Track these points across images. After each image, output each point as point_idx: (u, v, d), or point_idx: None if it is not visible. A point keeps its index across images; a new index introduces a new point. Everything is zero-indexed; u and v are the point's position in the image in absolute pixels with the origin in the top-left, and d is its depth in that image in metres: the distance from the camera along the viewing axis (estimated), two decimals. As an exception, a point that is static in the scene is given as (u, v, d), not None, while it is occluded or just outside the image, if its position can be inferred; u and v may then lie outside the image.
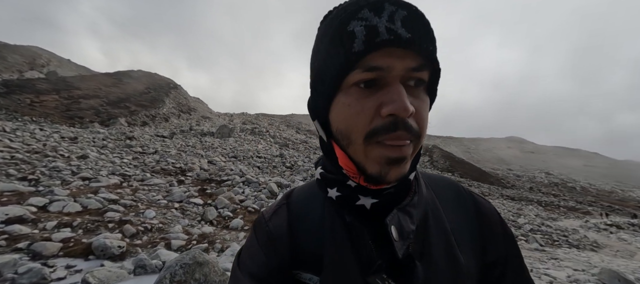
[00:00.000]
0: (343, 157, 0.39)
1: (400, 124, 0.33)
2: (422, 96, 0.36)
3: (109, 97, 37.00)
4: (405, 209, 0.40)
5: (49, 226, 3.14)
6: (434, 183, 0.49)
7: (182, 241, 3.21)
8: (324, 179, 0.44)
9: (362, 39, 0.32)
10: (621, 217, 27.82)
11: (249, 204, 5.64)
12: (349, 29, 0.33)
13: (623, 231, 16.83)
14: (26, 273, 2.06)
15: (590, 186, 73.98)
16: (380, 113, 0.33)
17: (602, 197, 54.02)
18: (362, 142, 0.35)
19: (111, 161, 8.74)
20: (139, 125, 28.79)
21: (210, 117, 44.80)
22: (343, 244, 0.40)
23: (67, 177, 5.59)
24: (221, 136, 28.89)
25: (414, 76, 0.34)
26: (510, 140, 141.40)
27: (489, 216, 0.46)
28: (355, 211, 0.40)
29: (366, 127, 0.34)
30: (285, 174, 13.68)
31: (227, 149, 19.57)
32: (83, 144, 11.68)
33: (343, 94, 0.35)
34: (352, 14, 0.33)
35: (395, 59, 0.32)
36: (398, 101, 0.32)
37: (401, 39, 0.32)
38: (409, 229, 0.39)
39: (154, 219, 3.90)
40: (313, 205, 0.45)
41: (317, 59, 0.39)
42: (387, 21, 0.32)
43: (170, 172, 8.78)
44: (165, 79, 53.43)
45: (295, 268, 0.41)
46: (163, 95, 42.16)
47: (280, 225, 0.44)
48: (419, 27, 0.33)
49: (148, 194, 5.37)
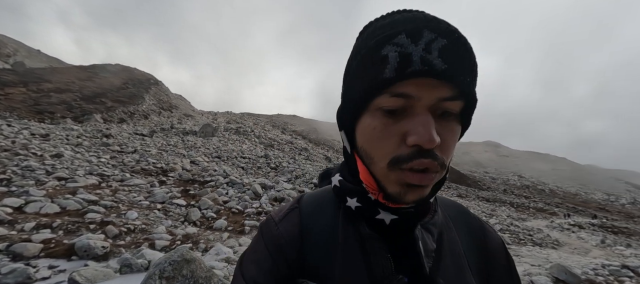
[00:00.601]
0: (365, 172, 0.39)
1: (425, 154, 0.32)
2: (452, 125, 0.35)
3: (83, 91, 35.11)
4: (427, 227, 0.41)
5: (27, 228, 3.11)
6: (444, 205, 0.49)
7: (166, 241, 3.29)
8: (343, 188, 0.43)
9: (395, 66, 0.31)
10: (583, 217, 30.14)
11: (233, 205, 5.72)
12: (383, 53, 0.32)
13: (583, 230, 18.26)
14: (10, 273, 2.10)
15: (558, 188, 79.12)
16: (406, 142, 0.32)
17: (567, 199, 58.09)
18: (385, 166, 0.35)
19: (87, 160, 8.44)
20: (116, 122, 27.56)
21: (193, 116, 43.62)
22: (355, 256, 0.39)
23: (42, 177, 5.40)
24: (204, 135, 28.28)
25: (445, 106, 0.33)
26: (486, 144, 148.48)
27: (495, 246, 0.47)
28: (373, 225, 0.40)
29: (391, 153, 0.34)
30: (270, 175, 13.71)
31: (211, 149, 19.25)
32: (56, 141, 11.13)
33: (369, 115, 0.35)
34: (389, 38, 0.32)
35: (425, 89, 0.31)
36: (424, 132, 0.31)
37: (434, 70, 0.30)
38: (431, 247, 0.40)
39: (137, 220, 3.92)
40: (325, 212, 0.45)
41: (349, 74, 0.38)
42: (423, 50, 0.31)
43: (151, 173, 8.62)
44: (145, 74, 51.38)
45: (303, 276, 0.40)
46: (142, 91, 40.57)
47: (291, 230, 0.43)
48: (458, 58, 0.32)
49: (129, 195, 5.31)
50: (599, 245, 12.36)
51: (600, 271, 5.81)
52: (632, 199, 72.27)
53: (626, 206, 60.70)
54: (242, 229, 4.54)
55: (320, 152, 42.98)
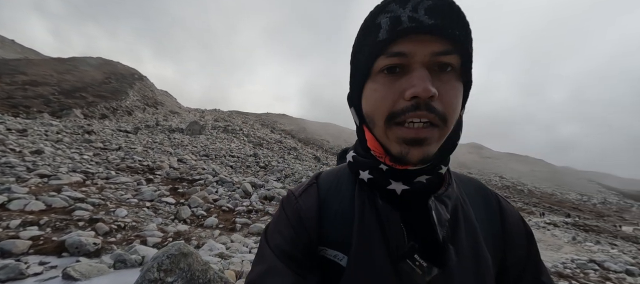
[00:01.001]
0: (371, 139, 0.42)
1: (422, 106, 0.34)
2: (452, 81, 0.36)
3: (61, 85, 33.58)
4: (441, 198, 0.41)
5: (12, 225, 3.05)
6: (460, 180, 0.50)
7: (158, 238, 3.31)
8: (356, 162, 0.46)
9: (387, 28, 0.35)
10: (557, 216, 31.89)
11: (223, 204, 5.74)
12: (377, 21, 0.36)
13: (558, 228, 19.32)
14: (2, 269, 2.09)
15: (536, 189, 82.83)
16: (404, 96, 0.34)
17: (544, 199, 61.00)
18: (383, 124, 0.37)
19: (70, 157, 8.18)
20: (98, 118, 26.54)
21: (179, 113, 42.55)
22: (371, 227, 0.41)
23: (23, 174, 5.22)
24: (191, 133, 27.72)
25: (440, 60, 0.35)
26: (471, 146, 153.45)
27: (511, 218, 0.47)
28: (387, 196, 0.42)
29: (388, 110, 0.36)
30: (259, 174, 13.68)
31: (198, 147, 18.94)
32: (34, 137, 10.67)
33: (371, 81, 0.38)
34: (381, 8, 0.36)
35: (418, 45, 0.34)
36: (418, 83, 0.33)
37: (423, 25, 0.33)
38: (446, 217, 0.40)
39: (127, 217, 3.90)
40: (343, 187, 0.47)
41: (353, 51, 0.42)
42: (410, 11, 0.34)
43: (138, 171, 8.45)
44: (128, 68, 49.61)
45: (322, 245, 0.43)
46: (126, 86, 39.19)
47: (310, 203, 0.45)
48: (446, 14, 0.34)
49: (116, 193, 5.23)
50: (570, 242, 13.15)
51: (568, 265, 6.27)
52: (603, 199, 76.89)
53: (597, 206, 64.51)
54: (234, 226, 4.60)
55: (310, 151, 43.04)
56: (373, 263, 0.39)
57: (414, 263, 0.38)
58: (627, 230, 25.87)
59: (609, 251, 10.56)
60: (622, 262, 8.22)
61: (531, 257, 0.46)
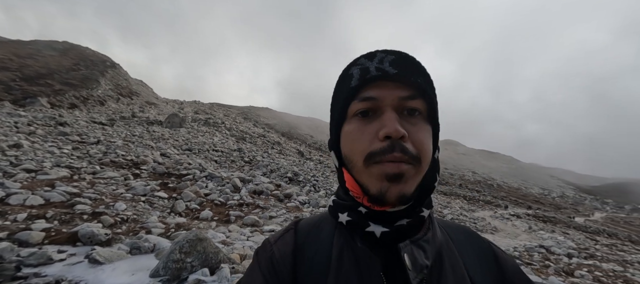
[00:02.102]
0: (350, 180, 0.43)
1: (396, 147, 0.36)
2: (420, 123, 0.40)
3: (23, 70, 31.05)
4: (419, 243, 0.41)
5: (19, 218, 3.22)
6: (448, 227, 0.50)
7: (161, 229, 3.61)
8: (336, 205, 0.46)
9: (357, 77, 0.40)
10: (521, 209, 34.93)
11: (215, 198, 6.04)
12: (350, 72, 0.42)
13: (520, 219, 21.28)
14: (31, 256, 2.35)
15: (504, 183, 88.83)
16: (378, 136, 0.37)
17: (511, 193, 65.79)
18: (363, 163, 0.38)
19: (49, 151, 7.98)
20: (66, 107, 24.98)
21: (157, 104, 40.81)
22: (349, 274, 0.40)
23: (7, 169, 5.19)
24: (171, 125, 26.95)
25: (407, 104, 0.39)
26: (446, 143, 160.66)
27: (511, 270, 0.46)
28: (366, 238, 0.42)
29: (366, 150, 0.38)
30: (244, 169, 13.86)
31: (180, 141, 18.59)
32: (4, 129, 10.13)
33: (347, 123, 0.42)
34: (353, 63, 0.43)
35: (385, 90, 0.39)
36: (390, 124, 0.36)
37: (387, 74, 0.39)
38: (423, 263, 0.39)
39: (127, 211, 4.13)
40: (323, 233, 0.46)
41: (332, 99, 0.46)
42: (377, 63, 0.40)
43: (122, 165, 8.42)
44: (99, 54, 46.51)
45: None
46: (97, 74, 36.89)
47: (284, 250, 0.45)
48: (406, 65, 0.40)
49: (108, 188, 5.36)
50: (526, 231, 14.77)
51: (519, 249, 7.28)
52: (562, 193, 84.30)
53: (556, 199, 70.77)
54: (228, 218, 4.95)
55: (293, 146, 43.22)
56: None
57: None
58: (580, 221, 29.00)
59: (557, 238, 12.07)
60: (566, 247, 9.54)
61: None
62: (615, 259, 8.95)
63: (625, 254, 10.59)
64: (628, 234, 22.37)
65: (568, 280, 4.59)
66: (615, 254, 10.42)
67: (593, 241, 14.79)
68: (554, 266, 5.47)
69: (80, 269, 2.31)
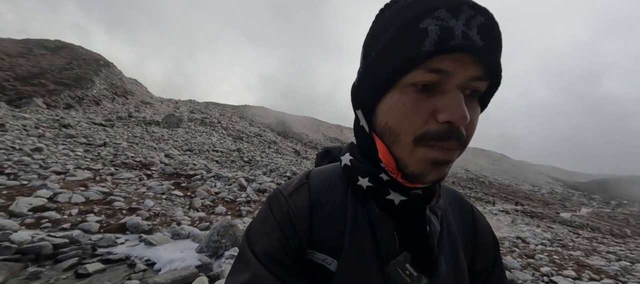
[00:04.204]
0: (385, 151, 0.39)
1: (454, 133, 0.33)
2: (475, 105, 0.35)
3: (15, 70, 31.04)
4: (434, 210, 0.43)
5: (73, 213, 3.89)
6: (443, 190, 0.51)
7: (188, 221, 4.32)
8: (354, 167, 0.44)
9: (435, 39, 0.31)
10: (510, 204, 36.42)
11: (225, 196, 6.75)
12: (422, 25, 0.31)
13: (508, 215, 22.41)
14: (101, 240, 3.05)
15: (496, 181, 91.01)
16: (437, 118, 0.32)
17: (502, 190, 67.81)
18: (411, 142, 0.34)
19: (65, 154, 8.55)
20: (62, 108, 25.21)
21: (152, 103, 40.97)
22: (364, 233, 0.40)
23: (39, 171, 5.79)
24: (168, 125, 27.35)
25: (474, 85, 0.33)
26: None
27: (483, 228, 0.51)
28: (383, 204, 0.42)
29: (419, 129, 0.34)
30: (245, 168, 14.53)
31: (180, 141, 19.14)
32: (15, 133, 10.61)
33: (398, 91, 0.35)
34: (428, 11, 0.31)
35: (461, 66, 0.31)
36: (457, 109, 0.31)
37: (474, 46, 0.31)
38: (437, 229, 0.43)
39: (155, 207, 4.82)
40: (334, 189, 0.45)
41: (376, 48, 0.36)
42: (464, 25, 0.31)
43: (134, 167, 9.03)
44: (92, 53, 46.35)
45: (311, 248, 0.41)
46: (91, 73, 36.91)
47: (301, 204, 0.43)
48: (492, 37, 0.32)
49: (130, 188, 6.02)
50: (509, 224, 15.81)
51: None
52: (551, 189, 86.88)
53: (545, 195, 73.01)
54: (240, 213, 5.68)
55: (289, 145, 43.85)
56: (364, 269, 0.38)
57: (404, 272, 0.38)
58: (566, 216, 30.49)
59: (535, 230, 13.09)
60: (541, 238, 10.50)
61: (497, 264, 0.49)
62: (585, 248, 9.95)
63: (599, 246, 11.65)
64: (610, 228, 23.78)
65: (526, 261, 5.45)
66: (590, 245, 11.47)
67: (575, 234, 15.92)
68: (519, 251, 6.34)
69: (140, 249, 3.03)
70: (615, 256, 8.57)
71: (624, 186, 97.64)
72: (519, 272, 4.39)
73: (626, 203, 73.85)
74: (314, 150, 45.04)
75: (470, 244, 0.48)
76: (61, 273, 2.41)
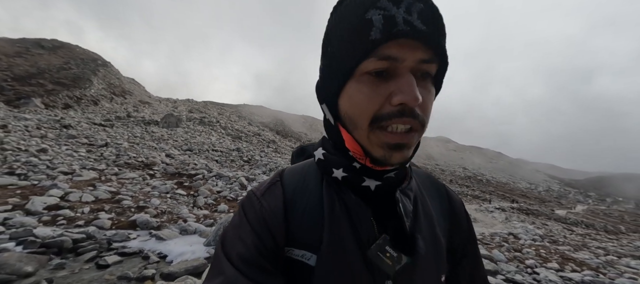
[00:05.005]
0: (350, 140, 0.42)
1: (407, 112, 0.35)
2: (429, 86, 0.37)
3: (13, 70, 30.97)
4: (405, 191, 0.44)
5: (85, 211, 4.13)
6: (415, 173, 0.53)
7: (194, 218, 4.57)
8: (327, 161, 0.46)
9: (380, 28, 0.33)
10: (506, 202, 36.91)
11: (226, 195, 7.01)
12: (368, 16, 0.34)
13: (505, 212, 22.78)
14: (115, 235, 3.30)
15: (493, 179, 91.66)
16: (391, 101, 0.35)
17: (499, 188, 68.34)
18: (367, 127, 0.37)
19: (69, 155, 8.75)
20: (61, 108, 25.26)
21: (150, 103, 40.95)
22: (342, 223, 0.41)
23: (48, 172, 6.02)
24: (168, 125, 27.44)
25: (424, 68, 0.35)
26: (438, 139, 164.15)
27: (458, 207, 0.53)
28: (359, 192, 0.43)
29: (373, 113, 0.36)
30: (244, 168, 14.75)
31: (179, 141, 19.29)
32: (18, 133, 10.78)
33: (355, 81, 0.37)
34: (372, 3, 0.34)
35: (408, 50, 0.33)
36: (408, 91, 0.33)
37: (416, 31, 0.33)
38: (409, 209, 0.44)
39: (161, 205, 5.07)
40: (308, 185, 0.46)
41: (332, 44, 0.39)
42: (404, 12, 0.33)
43: (136, 167, 9.25)
44: (89, 53, 46.21)
45: (288, 245, 0.42)
46: (89, 73, 36.83)
47: (275, 203, 0.43)
48: (433, 21, 0.34)
49: (135, 187, 6.25)
50: (503, 221, 16.17)
51: (487, 235, 8.47)
52: (547, 187, 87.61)
53: (541, 193, 73.69)
54: (241, 211, 5.95)
55: (288, 144, 44.01)
56: (345, 258, 0.39)
57: (385, 255, 0.39)
58: (561, 213, 30.90)
59: (527, 227, 13.44)
60: (532, 234, 10.84)
61: (471, 237, 0.53)
62: (575, 244, 10.29)
63: (590, 242, 12.00)
64: (604, 225, 24.20)
65: (512, 254, 5.75)
66: (582, 241, 11.81)
67: (569, 231, 16.26)
68: (508, 246, 6.65)
69: (151, 243, 3.28)
70: (604, 251, 8.90)
71: (619, 183, 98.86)
72: (504, 264, 4.68)
73: (621, 200, 74.82)
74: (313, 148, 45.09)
75: (447, 221, 0.50)
76: (83, 264, 2.66)
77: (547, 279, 4.19)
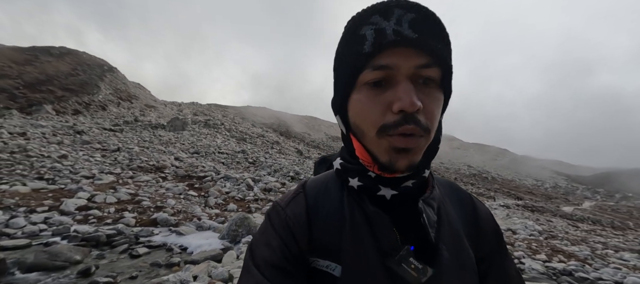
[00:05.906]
0: (359, 148, 0.43)
1: (409, 119, 0.35)
2: (434, 93, 0.38)
3: (23, 77, 31.94)
4: (428, 201, 0.44)
5: (111, 211, 4.62)
6: (439, 182, 0.52)
7: (207, 216, 5.04)
8: (345, 169, 0.47)
9: (371, 41, 0.36)
10: (511, 199, 36.84)
11: (235, 195, 7.49)
12: (361, 32, 0.37)
13: (508, 209, 22.84)
14: (141, 231, 3.78)
15: (498, 176, 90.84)
16: (392, 109, 0.36)
17: (505, 185, 67.80)
18: (375, 135, 0.38)
19: (86, 160, 9.32)
20: (71, 114, 26.09)
21: (156, 107, 41.78)
22: (363, 233, 0.41)
23: (72, 176, 6.55)
24: (174, 129, 28.09)
25: (422, 73, 0.36)
26: (443, 137, 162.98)
27: (484, 217, 0.51)
28: (376, 201, 0.43)
29: (378, 122, 0.37)
30: (250, 169, 15.23)
31: (186, 144, 19.84)
32: (36, 140, 11.42)
33: (356, 92, 0.40)
34: (364, 19, 0.37)
35: (402, 58, 0.35)
36: (405, 97, 0.35)
37: (406, 39, 0.35)
38: (433, 219, 0.43)
39: (177, 205, 5.55)
40: (330, 194, 0.47)
41: (337, 61, 0.43)
42: (394, 24, 0.35)
43: (149, 170, 9.79)
44: (95, 59, 47.27)
45: (313, 256, 0.42)
46: (96, 78, 37.76)
47: (298, 212, 0.45)
48: (427, 27, 0.36)
49: (151, 189, 6.76)
50: (504, 218, 16.38)
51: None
52: (554, 183, 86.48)
53: (548, 190, 72.83)
54: (250, 209, 6.40)
55: (292, 145, 44.43)
56: (368, 269, 0.39)
57: (409, 266, 0.39)
58: (568, 210, 30.68)
59: (527, 223, 13.63)
60: (531, 229, 11.07)
61: (500, 250, 0.50)
62: (575, 239, 10.50)
63: (594, 237, 12.10)
64: (611, 221, 24.03)
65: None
66: (583, 236, 11.96)
67: (574, 227, 16.30)
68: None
69: (173, 238, 3.75)
70: (602, 246, 9.08)
71: (627, 179, 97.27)
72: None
73: (631, 196, 73.60)
74: (317, 149, 45.64)
75: (474, 231, 0.49)
76: (118, 254, 3.13)
77: (531, 268, 4.53)
